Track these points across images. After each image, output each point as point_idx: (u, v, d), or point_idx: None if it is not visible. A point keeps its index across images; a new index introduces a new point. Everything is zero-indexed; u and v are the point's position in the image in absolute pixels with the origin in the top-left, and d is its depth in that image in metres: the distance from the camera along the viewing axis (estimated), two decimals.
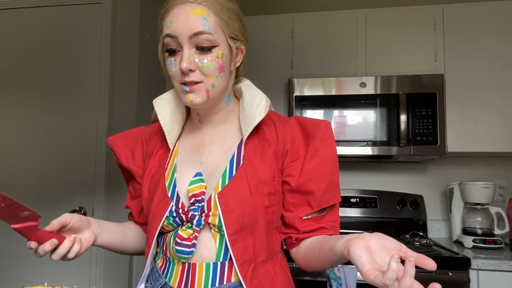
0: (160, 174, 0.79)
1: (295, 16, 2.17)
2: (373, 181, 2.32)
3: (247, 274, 0.71)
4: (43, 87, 1.98)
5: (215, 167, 0.76)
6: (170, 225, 0.74)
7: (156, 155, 0.83)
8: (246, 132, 0.75)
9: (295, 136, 0.78)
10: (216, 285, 0.71)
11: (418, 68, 2.03)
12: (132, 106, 1.92)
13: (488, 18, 1.98)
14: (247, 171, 0.73)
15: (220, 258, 0.72)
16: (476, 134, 1.95)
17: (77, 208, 1.87)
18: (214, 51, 0.71)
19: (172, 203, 0.74)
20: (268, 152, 0.76)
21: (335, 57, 2.11)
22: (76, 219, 0.74)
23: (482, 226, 1.93)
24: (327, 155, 0.76)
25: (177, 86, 0.74)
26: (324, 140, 0.76)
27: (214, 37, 0.71)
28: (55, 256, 0.71)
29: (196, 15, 0.70)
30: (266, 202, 0.73)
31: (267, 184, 0.74)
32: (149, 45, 2.08)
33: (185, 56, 0.70)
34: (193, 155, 0.80)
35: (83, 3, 1.98)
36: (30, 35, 2.02)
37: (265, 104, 0.76)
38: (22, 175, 1.95)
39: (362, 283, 1.59)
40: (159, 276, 0.77)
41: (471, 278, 1.58)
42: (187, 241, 0.71)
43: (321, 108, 2.00)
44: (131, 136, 0.90)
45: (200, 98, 0.72)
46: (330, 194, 0.75)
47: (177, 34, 0.70)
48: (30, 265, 1.90)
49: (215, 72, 0.71)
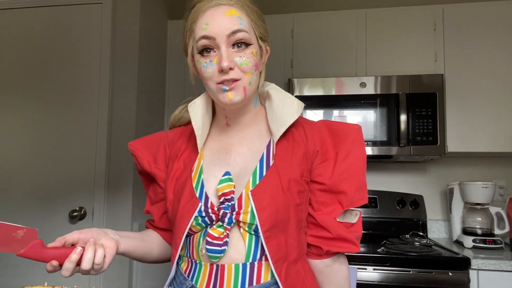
0: (186, 176, 0.79)
1: (295, 16, 2.17)
2: (373, 181, 2.32)
3: (282, 272, 0.71)
4: (43, 87, 1.98)
5: (244, 168, 0.77)
6: (198, 225, 0.74)
7: (180, 157, 0.84)
8: (279, 133, 0.77)
9: (324, 139, 0.80)
10: (246, 286, 0.71)
11: (418, 68, 2.03)
12: (132, 106, 1.92)
13: (488, 18, 1.98)
14: (279, 170, 0.75)
15: (249, 258, 0.72)
16: (476, 134, 1.95)
17: (77, 208, 1.87)
18: (249, 49, 0.73)
19: (200, 203, 0.74)
20: (298, 152, 0.78)
21: (335, 57, 2.11)
22: (86, 233, 0.72)
23: (482, 226, 1.93)
24: (358, 157, 0.78)
25: (213, 87, 0.74)
26: (355, 143, 0.78)
27: (249, 36, 0.73)
28: (86, 264, 0.67)
29: (231, 15, 0.72)
30: (297, 200, 0.75)
31: (297, 182, 0.75)
32: (149, 45, 2.08)
33: (224, 55, 0.71)
34: (220, 157, 0.81)
35: (83, 3, 1.98)
36: (30, 35, 2.02)
37: (297, 106, 0.79)
38: (22, 175, 1.95)
39: (362, 283, 1.60)
40: (184, 279, 0.76)
41: (471, 278, 1.58)
42: (218, 240, 0.71)
43: (321, 108, 2.00)
44: (152, 140, 0.91)
45: (239, 96, 0.73)
46: (360, 194, 0.77)
47: (215, 34, 0.72)
48: (30, 265, 1.90)
49: (252, 69, 0.74)
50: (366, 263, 1.63)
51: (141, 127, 1.99)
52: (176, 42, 2.29)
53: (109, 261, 0.72)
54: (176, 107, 0.94)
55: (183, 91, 2.24)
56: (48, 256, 0.63)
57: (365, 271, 1.62)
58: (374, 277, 1.61)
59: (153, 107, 2.14)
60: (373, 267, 1.62)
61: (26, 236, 0.61)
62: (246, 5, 0.75)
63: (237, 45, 0.73)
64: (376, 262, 1.63)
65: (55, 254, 0.63)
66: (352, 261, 1.63)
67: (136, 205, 1.91)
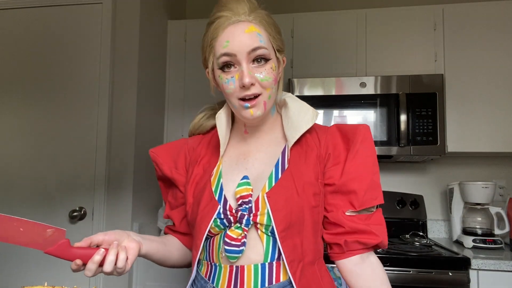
0: (206, 180, 0.83)
1: (295, 16, 2.17)
2: None
3: (296, 272, 0.73)
4: (43, 87, 1.98)
5: (261, 172, 0.81)
6: (217, 227, 0.77)
7: (200, 163, 0.88)
8: (293, 139, 0.80)
9: (336, 142, 0.82)
10: (266, 285, 0.73)
11: (418, 68, 2.03)
12: (132, 106, 1.92)
13: (488, 18, 1.99)
14: (293, 173, 0.77)
15: (268, 258, 0.74)
16: (476, 134, 1.95)
17: (77, 208, 1.87)
18: (268, 64, 0.77)
19: (219, 206, 0.77)
20: (311, 155, 0.81)
21: (335, 57, 2.11)
22: (111, 234, 0.74)
23: (482, 226, 1.93)
24: (367, 155, 0.80)
25: (236, 103, 0.77)
26: (364, 142, 0.80)
27: (268, 51, 0.77)
28: (108, 266, 0.68)
29: (251, 33, 0.75)
30: (312, 202, 0.77)
31: (312, 185, 0.77)
32: (149, 45, 2.08)
33: (245, 71, 0.74)
34: (238, 162, 0.84)
35: (83, 3, 1.98)
36: (30, 35, 2.02)
37: (312, 114, 0.82)
38: (22, 175, 1.95)
39: None
40: (205, 283, 0.78)
41: (471, 278, 1.58)
42: (236, 241, 0.73)
43: (321, 108, 2.00)
44: (172, 147, 0.94)
45: (260, 111, 0.77)
46: (372, 194, 0.77)
47: (235, 51, 0.75)
48: (30, 265, 1.90)
49: (272, 84, 0.77)
50: None
51: (141, 127, 1.99)
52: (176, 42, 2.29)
53: (131, 262, 0.73)
54: (176, 107, 0.96)
55: (183, 91, 2.24)
56: (73, 255, 0.66)
57: None
58: None
59: (153, 107, 2.14)
60: None
61: (54, 235, 0.65)
62: (264, 20, 0.78)
63: (257, 61, 0.76)
64: None
65: (80, 254, 0.67)
66: None
67: (136, 205, 1.91)
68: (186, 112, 2.22)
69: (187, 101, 2.23)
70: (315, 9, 2.49)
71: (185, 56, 2.26)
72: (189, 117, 2.21)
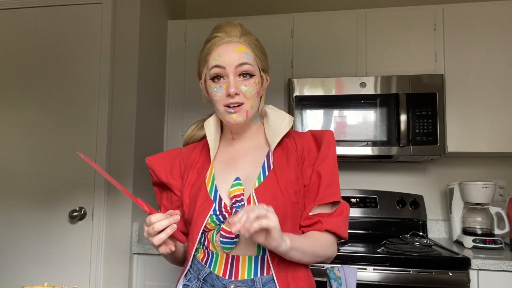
0: (201, 182, 0.94)
1: (295, 16, 2.17)
2: (373, 181, 2.32)
3: (274, 261, 0.83)
4: (43, 87, 1.98)
5: (250, 173, 0.92)
6: (213, 222, 0.87)
7: (194, 168, 0.99)
8: (274, 143, 0.92)
9: (311, 146, 0.94)
10: (258, 275, 0.84)
11: (418, 68, 2.03)
12: (132, 106, 1.92)
13: (488, 18, 1.99)
14: (277, 173, 0.89)
15: (260, 252, 0.85)
16: (476, 134, 1.95)
17: (77, 208, 1.87)
18: (252, 79, 0.90)
19: (215, 204, 0.88)
20: (292, 158, 0.93)
21: (335, 57, 2.11)
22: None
23: (482, 226, 1.93)
24: (329, 156, 0.91)
25: (221, 109, 0.90)
26: (326, 144, 0.92)
27: (253, 68, 0.90)
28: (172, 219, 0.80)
29: (240, 51, 0.89)
30: (294, 199, 0.88)
31: (293, 184, 0.89)
32: (149, 45, 2.08)
33: (232, 82, 0.87)
34: (229, 165, 0.95)
35: (83, 3, 1.98)
36: (30, 35, 2.02)
37: (289, 120, 0.95)
38: (22, 175, 1.95)
39: (362, 283, 1.60)
40: (202, 267, 0.88)
41: (471, 278, 1.58)
42: (231, 234, 0.84)
43: (321, 108, 2.00)
44: (168, 155, 1.05)
45: (242, 118, 0.89)
46: (330, 191, 0.88)
47: (225, 65, 0.88)
48: (30, 265, 1.90)
49: (254, 95, 0.90)
50: (366, 263, 1.63)
51: (141, 127, 1.99)
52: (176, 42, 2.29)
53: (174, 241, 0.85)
54: (176, 107, 1.02)
55: (183, 91, 2.24)
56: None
57: (365, 271, 1.62)
58: (374, 277, 1.61)
59: (153, 107, 2.14)
60: (373, 267, 1.62)
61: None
62: (253, 43, 0.92)
63: (243, 75, 0.89)
64: (376, 262, 1.63)
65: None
66: (352, 261, 1.63)
67: (136, 205, 1.91)
68: (186, 112, 2.22)
69: (187, 101, 2.23)
70: (315, 9, 2.49)
71: (185, 56, 2.26)
72: (189, 117, 2.21)
